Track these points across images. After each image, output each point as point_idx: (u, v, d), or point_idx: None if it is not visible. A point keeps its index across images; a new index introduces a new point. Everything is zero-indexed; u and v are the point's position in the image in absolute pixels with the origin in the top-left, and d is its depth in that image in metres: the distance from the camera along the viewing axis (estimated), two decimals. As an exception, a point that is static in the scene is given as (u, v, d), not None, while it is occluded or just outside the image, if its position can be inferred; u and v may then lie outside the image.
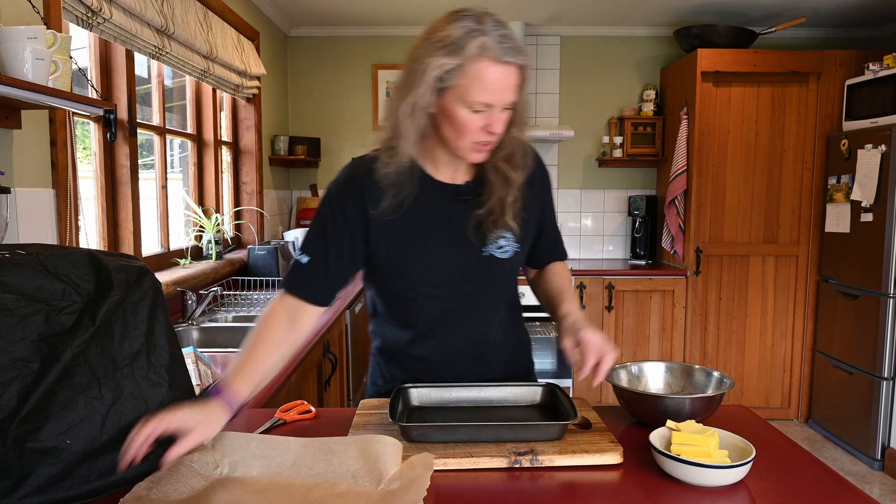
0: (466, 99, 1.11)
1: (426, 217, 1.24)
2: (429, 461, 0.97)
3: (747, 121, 3.78)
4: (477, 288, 1.29)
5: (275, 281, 3.06)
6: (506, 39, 1.10)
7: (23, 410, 0.85)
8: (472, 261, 1.26)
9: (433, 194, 1.25)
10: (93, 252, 1.01)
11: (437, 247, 1.25)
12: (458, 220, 1.26)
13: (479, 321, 1.33)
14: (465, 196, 1.26)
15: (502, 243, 1.27)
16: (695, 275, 3.83)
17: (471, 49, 1.08)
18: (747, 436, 1.08)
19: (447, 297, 1.28)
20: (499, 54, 1.09)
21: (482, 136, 1.16)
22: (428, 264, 1.25)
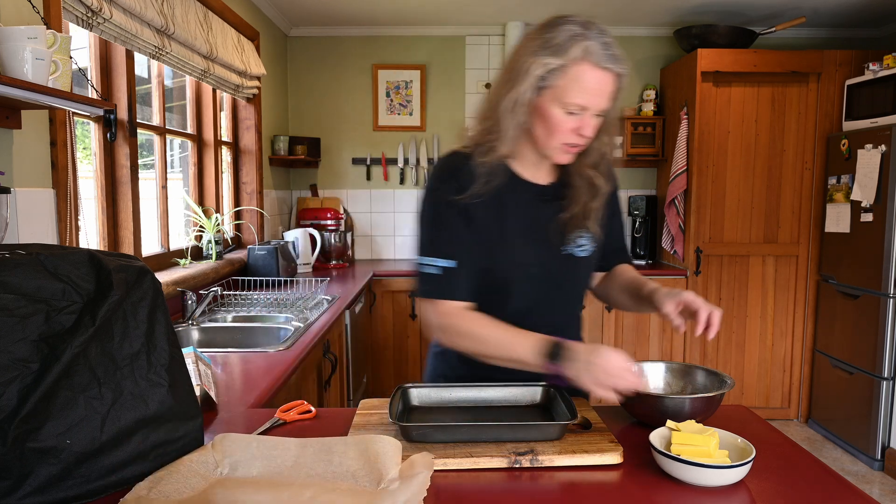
0: (563, 99, 1.16)
1: (511, 214, 1.28)
2: (429, 461, 0.97)
3: (747, 121, 3.78)
4: (557, 286, 1.33)
5: (275, 281, 3.07)
6: (608, 47, 1.15)
7: (23, 410, 0.85)
8: (552, 259, 1.30)
9: (519, 192, 1.29)
10: (93, 252, 1.01)
11: (520, 243, 1.28)
12: (540, 219, 1.30)
13: (556, 320, 1.35)
14: (547, 196, 1.31)
15: (581, 242, 1.32)
16: (695, 275, 3.83)
17: (575, 52, 1.14)
18: (747, 436, 1.08)
19: (527, 294, 1.31)
20: (600, 60, 1.14)
21: (572, 138, 1.20)
22: (511, 260, 1.28)
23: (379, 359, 3.85)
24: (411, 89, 4.29)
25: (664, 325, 3.88)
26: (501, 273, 1.28)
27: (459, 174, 1.25)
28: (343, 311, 2.62)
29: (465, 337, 1.23)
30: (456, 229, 1.25)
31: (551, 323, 1.34)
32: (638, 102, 4.31)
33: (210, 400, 1.32)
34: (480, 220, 1.26)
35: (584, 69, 1.14)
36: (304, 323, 2.26)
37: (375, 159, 4.35)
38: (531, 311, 1.32)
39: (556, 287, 1.33)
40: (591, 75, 1.14)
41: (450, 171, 1.27)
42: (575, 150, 1.23)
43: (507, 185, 1.27)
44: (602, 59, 1.14)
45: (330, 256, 4.00)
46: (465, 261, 1.25)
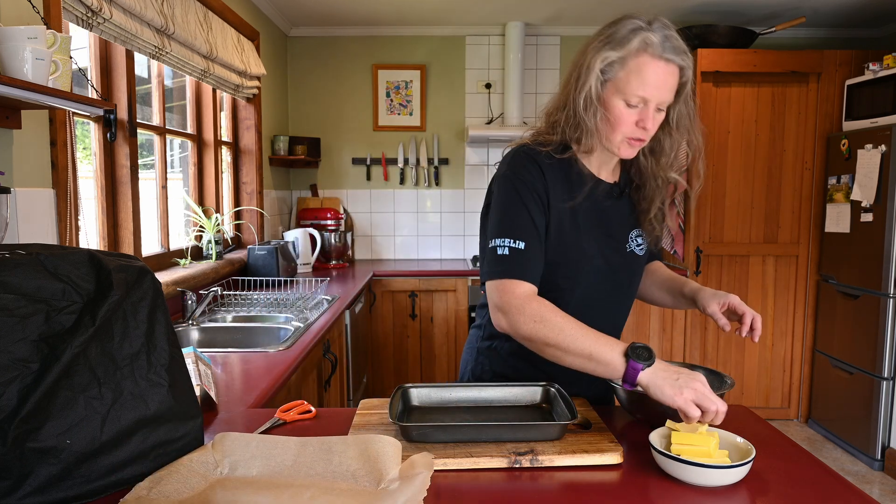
0: (624, 91, 1.17)
1: (584, 209, 1.30)
2: (429, 461, 0.97)
3: (747, 121, 3.78)
4: (618, 282, 1.35)
5: (275, 281, 3.07)
6: (670, 39, 1.16)
7: (23, 410, 0.85)
8: (618, 255, 1.33)
9: (590, 188, 1.30)
10: (93, 252, 1.01)
11: (590, 239, 1.30)
12: (608, 216, 1.32)
13: (615, 316, 1.38)
14: (615, 194, 1.34)
15: (640, 241, 1.36)
16: (695, 275, 3.83)
17: (633, 43, 1.15)
18: (747, 436, 1.08)
19: (592, 290, 1.32)
20: (660, 51, 1.15)
21: (635, 131, 1.21)
22: (582, 253, 1.29)
23: (379, 359, 3.85)
24: (411, 89, 4.29)
25: (664, 325, 3.88)
26: (568, 265, 1.29)
27: (538, 163, 1.26)
28: (343, 311, 2.62)
29: (540, 322, 1.15)
30: (529, 213, 1.24)
31: (609, 318, 1.36)
32: (638, 102, 4.31)
33: (210, 400, 1.32)
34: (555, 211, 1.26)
35: (643, 60, 1.15)
36: (304, 323, 2.26)
37: (375, 159, 4.35)
38: (591, 307, 1.33)
39: (617, 283, 1.35)
40: (651, 66, 1.15)
41: (528, 159, 1.27)
42: (638, 143, 1.24)
43: (578, 180, 1.29)
44: (661, 50, 1.15)
45: (330, 256, 4.00)
46: (533, 245, 1.23)
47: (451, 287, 3.76)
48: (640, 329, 3.88)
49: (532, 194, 1.24)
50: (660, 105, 1.20)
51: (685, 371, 1.06)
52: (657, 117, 1.21)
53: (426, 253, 4.45)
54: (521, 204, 1.24)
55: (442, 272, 3.79)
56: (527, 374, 1.36)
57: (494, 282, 1.22)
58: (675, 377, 1.04)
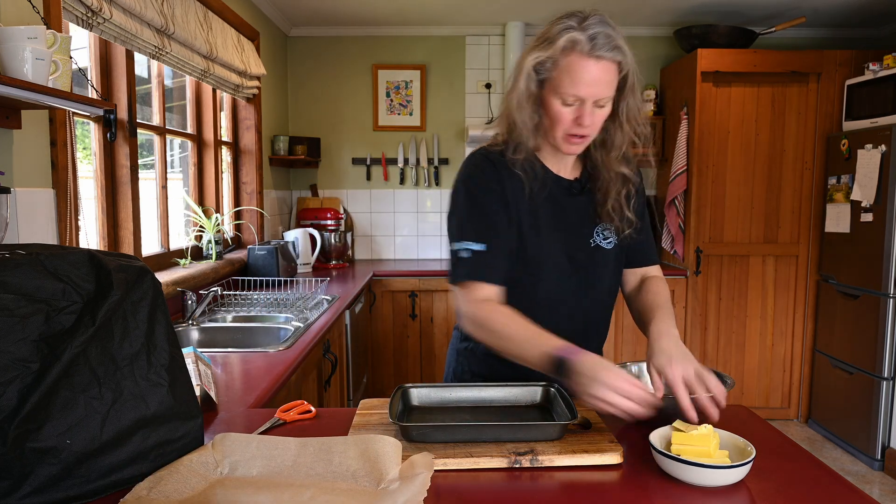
0: (558, 90, 1.19)
1: (544, 207, 1.31)
2: (429, 461, 0.97)
3: (747, 121, 3.78)
4: (584, 277, 1.35)
5: (275, 281, 3.07)
6: (601, 37, 1.15)
7: (23, 410, 0.85)
8: (580, 250, 1.33)
9: (549, 185, 1.32)
10: (93, 252, 1.01)
11: (552, 236, 1.31)
12: (568, 212, 1.33)
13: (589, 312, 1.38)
14: (575, 190, 1.35)
15: (607, 234, 1.35)
16: (695, 275, 3.83)
17: (560, 43, 1.16)
18: (747, 436, 1.08)
19: (556, 286, 1.33)
20: (588, 49, 1.14)
21: (573, 128, 1.22)
22: (543, 252, 1.31)
23: (379, 359, 3.85)
24: (411, 89, 4.29)
25: (664, 325, 3.88)
26: (529, 263, 1.31)
27: (496, 165, 1.30)
28: (343, 311, 2.62)
29: (489, 331, 1.23)
30: (489, 214, 1.27)
31: (580, 313, 1.37)
32: (638, 102, 4.31)
33: (210, 400, 1.32)
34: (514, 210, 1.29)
35: (572, 59, 1.16)
36: (304, 323, 2.26)
37: (375, 159, 4.35)
38: (561, 302, 1.35)
39: (584, 278, 1.35)
40: (580, 65, 1.15)
41: (486, 161, 1.31)
42: (580, 140, 1.24)
43: (537, 178, 1.30)
44: (589, 48, 1.15)
45: (330, 256, 4.00)
46: (496, 245, 1.27)
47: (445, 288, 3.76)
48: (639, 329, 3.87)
49: (490, 195, 1.28)
50: (598, 101, 1.19)
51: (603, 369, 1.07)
52: (596, 113, 1.21)
53: (426, 253, 4.45)
54: (479, 206, 1.28)
55: (442, 272, 3.79)
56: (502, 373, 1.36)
57: (456, 287, 1.28)
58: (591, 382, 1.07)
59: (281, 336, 2.24)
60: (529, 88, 1.22)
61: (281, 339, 2.22)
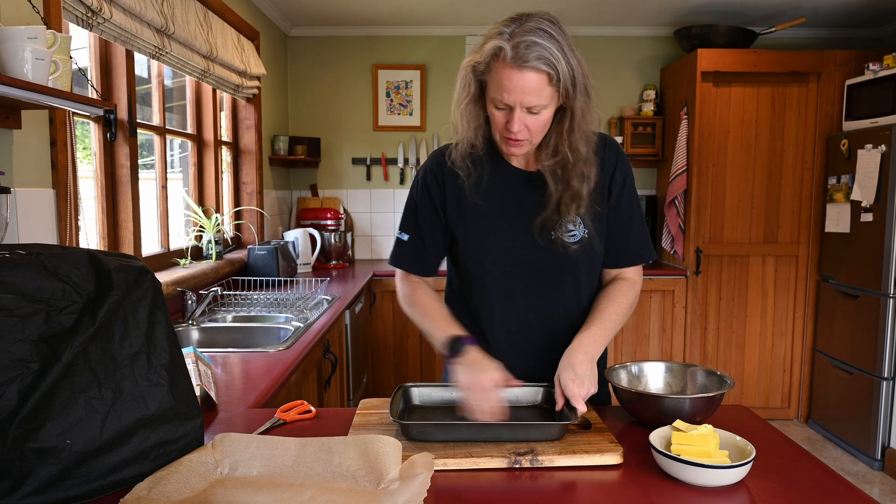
0: (490, 95, 1.22)
1: (500, 198, 1.34)
2: (429, 461, 0.97)
3: (747, 121, 3.78)
4: (540, 269, 1.35)
5: (275, 281, 3.07)
6: (525, 46, 1.13)
7: (23, 410, 0.85)
8: (539, 242, 1.33)
9: (506, 178, 1.35)
10: (93, 252, 1.01)
11: (509, 226, 1.33)
12: (528, 204, 1.34)
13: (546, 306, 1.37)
14: (535, 182, 1.34)
15: (570, 228, 1.33)
16: (695, 275, 3.83)
17: (487, 50, 1.18)
18: (747, 436, 1.08)
19: (506, 277, 1.35)
20: (511, 57, 1.14)
21: (506, 132, 1.24)
22: (500, 242, 1.34)
23: (379, 359, 3.85)
24: (411, 89, 4.29)
25: (664, 325, 3.89)
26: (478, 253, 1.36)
27: (443, 161, 1.37)
28: (343, 311, 2.62)
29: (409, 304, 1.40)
30: (418, 207, 1.39)
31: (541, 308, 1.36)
32: (638, 102, 4.31)
33: (210, 400, 1.32)
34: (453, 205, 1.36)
35: (498, 66, 1.17)
36: (304, 323, 2.26)
37: (375, 159, 4.35)
38: (515, 293, 1.35)
39: (538, 270, 1.34)
40: (504, 73, 1.16)
41: (437, 158, 1.40)
42: (516, 143, 1.24)
43: (493, 171, 1.34)
44: (513, 57, 1.13)
45: (330, 256, 4.00)
46: (418, 237, 1.40)
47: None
48: (639, 329, 3.88)
49: (425, 194, 1.38)
50: (531, 108, 1.18)
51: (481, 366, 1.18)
52: (529, 119, 1.20)
53: (426, 253, 4.44)
54: (412, 199, 1.41)
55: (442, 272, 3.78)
56: None
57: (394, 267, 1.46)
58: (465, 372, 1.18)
59: (281, 336, 2.24)
60: (469, 88, 1.25)
61: (281, 339, 2.22)
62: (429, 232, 1.39)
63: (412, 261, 1.42)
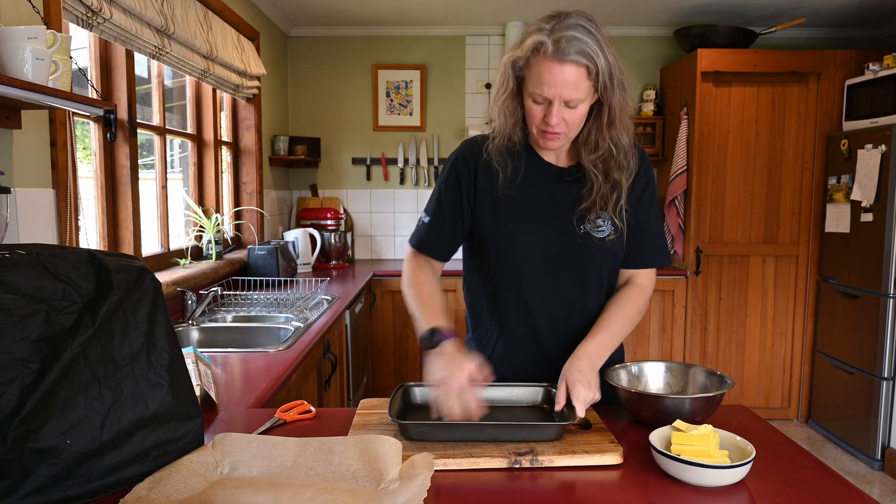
0: (528, 89, 1.24)
1: (531, 192, 1.36)
2: (429, 461, 0.97)
3: (747, 121, 3.78)
4: (571, 263, 1.36)
5: (275, 281, 3.07)
6: (566, 40, 1.17)
7: (23, 410, 0.85)
8: (568, 236, 1.34)
9: (539, 172, 1.37)
10: (93, 252, 1.01)
11: (539, 219, 1.35)
12: (559, 198, 1.35)
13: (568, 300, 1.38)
14: (567, 178, 1.37)
15: (599, 223, 1.35)
16: (695, 275, 3.83)
17: (528, 44, 1.21)
18: (747, 436, 1.08)
19: (543, 270, 1.36)
20: (552, 51, 1.18)
21: (543, 125, 1.26)
22: (530, 234, 1.35)
23: (379, 359, 3.85)
24: (411, 89, 4.29)
25: (664, 325, 3.89)
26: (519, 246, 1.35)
27: (478, 151, 1.38)
28: (343, 311, 2.62)
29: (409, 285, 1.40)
30: (443, 191, 1.40)
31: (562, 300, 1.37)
32: (638, 102, 4.31)
33: (210, 400, 1.32)
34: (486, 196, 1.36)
35: (538, 61, 1.20)
36: (304, 323, 2.26)
37: (375, 159, 4.35)
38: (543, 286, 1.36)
39: (568, 262, 1.36)
40: (544, 67, 1.19)
41: (471, 145, 1.41)
42: (553, 136, 1.27)
43: (528, 165, 1.36)
44: (553, 51, 1.17)
45: (330, 256, 4.00)
46: (440, 220, 1.40)
47: (452, 287, 3.75)
48: (639, 329, 3.88)
49: (453, 181, 1.39)
50: (568, 102, 1.21)
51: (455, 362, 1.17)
52: (567, 113, 1.23)
53: (426, 253, 4.45)
54: (442, 187, 1.41)
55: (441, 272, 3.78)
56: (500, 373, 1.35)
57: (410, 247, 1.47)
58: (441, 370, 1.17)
59: (281, 336, 2.24)
60: (507, 84, 1.28)
61: (281, 339, 2.22)
62: (450, 216, 1.40)
63: (427, 241, 1.43)
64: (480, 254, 1.42)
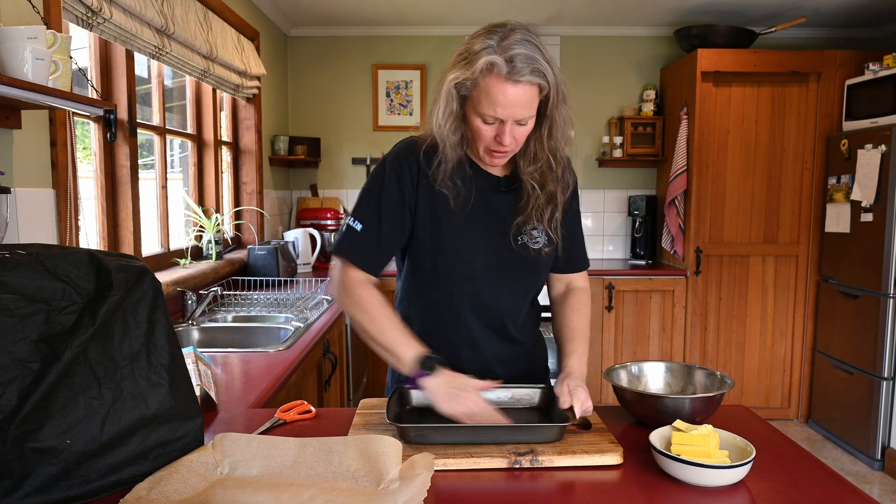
0: (477, 109, 1.19)
1: (465, 202, 1.30)
2: (429, 461, 0.97)
3: (747, 121, 3.78)
4: (508, 274, 1.34)
5: (275, 281, 3.07)
6: (520, 59, 1.13)
7: (23, 410, 0.85)
8: (506, 247, 1.32)
9: (476, 180, 1.32)
10: (93, 252, 1.01)
11: (476, 229, 1.32)
12: (497, 209, 1.33)
13: (504, 310, 1.37)
14: (503, 187, 1.34)
15: (535, 234, 1.34)
16: (695, 275, 3.83)
17: (478, 65, 1.15)
18: (747, 436, 1.08)
19: (478, 280, 1.33)
20: (507, 72, 1.13)
21: (493, 145, 1.22)
22: (467, 245, 1.31)
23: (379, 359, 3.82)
24: (411, 89, 4.29)
25: (664, 326, 3.89)
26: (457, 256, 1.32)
27: (413, 155, 1.32)
28: (343, 311, 2.62)
29: (358, 307, 1.27)
30: (382, 199, 1.30)
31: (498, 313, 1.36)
32: (638, 102, 4.31)
33: (210, 400, 1.32)
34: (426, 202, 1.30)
35: (490, 82, 1.15)
36: (304, 323, 2.26)
37: (375, 159, 4.35)
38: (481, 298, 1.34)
39: (508, 275, 1.35)
40: (498, 88, 1.14)
41: (405, 150, 1.34)
42: (500, 155, 1.24)
43: (464, 173, 1.30)
44: (507, 72, 1.13)
45: (330, 256, 4.00)
46: (376, 229, 1.29)
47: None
48: (639, 329, 3.88)
49: (394, 185, 1.30)
50: (519, 120, 1.19)
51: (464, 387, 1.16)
52: (517, 130, 1.20)
53: (426, 253, 4.44)
54: (375, 189, 1.31)
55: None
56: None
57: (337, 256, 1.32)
58: (451, 391, 1.15)
59: (281, 336, 2.24)
60: (451, 106, 1.22)
61: (281, 339, 2.22)
62: (389, 226, 1.30)
63: (363, 254, 1.30)
64: (416, 266, 1.36)
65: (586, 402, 1.17)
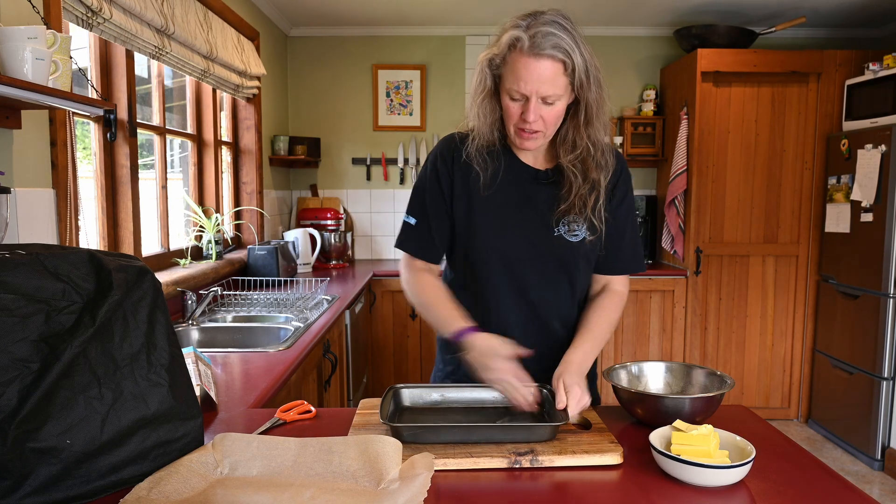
0: (505, 86, 1.23)
1: (507, 194, 1.35)
2: (429, 461, 0.97)
3: (747, 121, 3.78)
4: (545, 266, 1.35)
5: (275, 281, 3.07)
6: (541, 35, 1.17)
7: (23, 410, 0.85)
8: (542, 238, 1.34)
9: (516, 174, 1.36)
10: (93, 252, 1.01)
11: (513, 221, 1.34)
12: (534, 200, 1.35)
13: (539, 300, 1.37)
14: (542, 180, 1.36)
15: (574, 227, 1.35)
16: (695, 275, 3.83)
17: (504, 41, 1.20)
18: (747, 436, 1.08)
19: (518, 272, 1.35)
20: (528, 46, 1.17)
21: (520, 123, 1.25)
22: (503, 235, 1.34)
23: (379, 359, 3.85)
24: (411, 89, 4.29)
25: (664, 325, 3.89)
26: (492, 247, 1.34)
27: (456, 150, 1.37)
28: (343, 311, 2.62)
29: (414, 291, 1.39)
30: (426, 192, 1.38)
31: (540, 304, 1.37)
32: (638, 102, 4.31)
33: (210, 400, 1.32)
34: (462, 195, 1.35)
35: (514, 57, 1.19)
36: (304, 323, 2.26)
37: (375, 159, 4.35)
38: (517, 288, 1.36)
39: (541, 265, 1.35)
40: (521, 63, 1.18)
41: (448, 144, 1.39)
42: (529, 135, 1.26)
43: (505, 166, 1.35)
44: (529, 47, 1.17)
45: (330, 256, 4.00)
46: (426, 222, 1.39)
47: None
48: (639, 329, 3.88)
49: (433, 180, 1.38)
50: (545, 98, 1.21)
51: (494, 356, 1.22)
52: (544, 110, 1.22)
53: (426, 253, 4.44)
54: (422, 184, 1.40)
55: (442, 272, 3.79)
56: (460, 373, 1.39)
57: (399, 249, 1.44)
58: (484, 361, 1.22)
59: (281, 336, 2.24)
60: (485, 83, 1.26)
61: (281, 339, 2.22)
62: (436, 217, 1.38)
63: (419, 245, 1.40)
64: (457, 255, 1.41)
65: (582, 399, 1.16)
